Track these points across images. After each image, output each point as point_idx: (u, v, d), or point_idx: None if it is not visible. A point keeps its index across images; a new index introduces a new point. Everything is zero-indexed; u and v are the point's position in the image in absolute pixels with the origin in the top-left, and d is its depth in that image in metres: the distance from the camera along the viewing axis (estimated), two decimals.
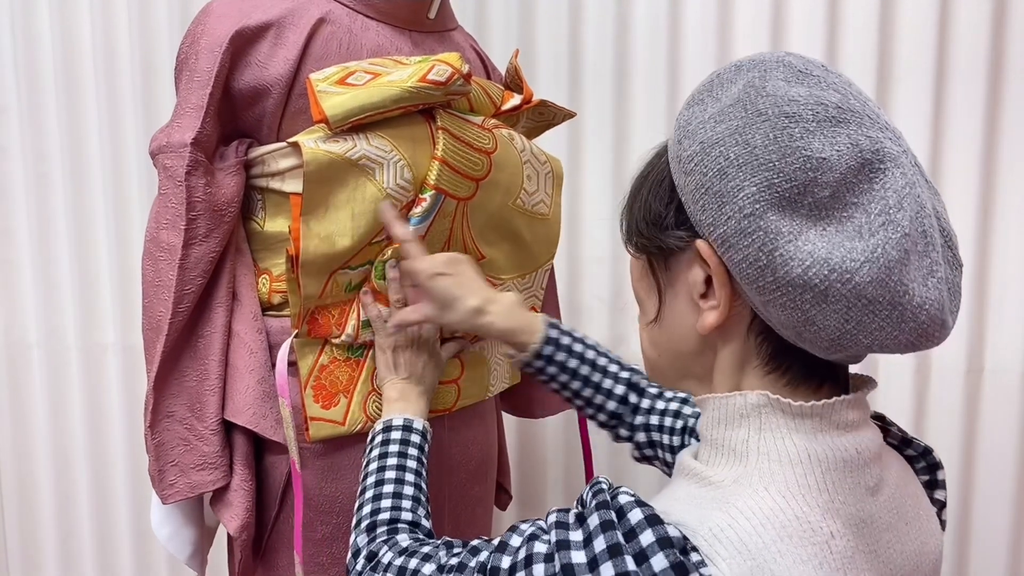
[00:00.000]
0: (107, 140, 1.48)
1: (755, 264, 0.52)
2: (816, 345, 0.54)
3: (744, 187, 0.51)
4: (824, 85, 0.54)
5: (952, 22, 1.35)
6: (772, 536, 0.50)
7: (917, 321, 0.51)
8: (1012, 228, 1.38)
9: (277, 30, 0.88)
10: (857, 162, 0.51)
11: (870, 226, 0.50)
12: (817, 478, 0.54)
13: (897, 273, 0.50)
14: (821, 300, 0.51)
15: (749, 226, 0.51)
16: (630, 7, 1.40)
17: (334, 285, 0.88)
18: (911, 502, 0.60)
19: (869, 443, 0.57)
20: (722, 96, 0.56)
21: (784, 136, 0.51)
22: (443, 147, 0.87)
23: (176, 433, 0.88)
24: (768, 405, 0.55)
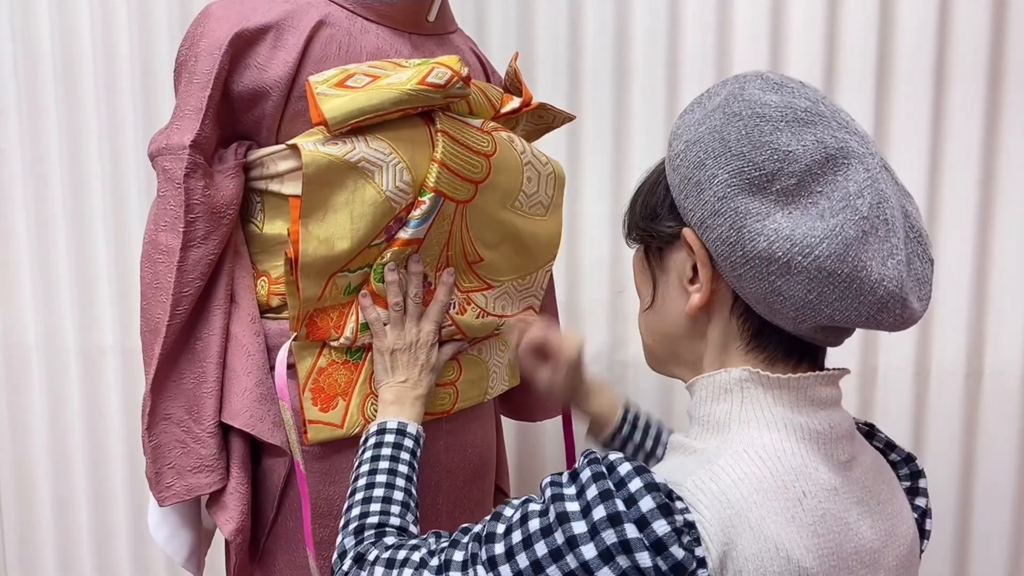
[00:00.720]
0: (106, 142, 1.48)
1: (727, 241, 0.59)
2: (784, 316, 0.60)
3: (718, 174, 0.59)
4: (797, 95, 0.61)
5: (952, 23, 1.35)
6: (749, 490, 0.56)
7: (875, 295, 0.57)
8: (1012, 230, 1.38)
9: (276, 32, 0.88)
10: (822, 156, 0.58)
11: (831, 209, 0.57)
12: (792, 444, 0.60)
13: (855, 250, 0.56)
14: (785, 272, 0.57)
15: (722, 207, 0.59)
16: (629, 10, 1.41)
17: (333, 288, 0.88)
18: (884, 489, 0.65)
19: (841, 421, 0.63)
20: (707, 104, 0.64)
21: (755, 132, 0.59)
22: (442, 150, 0.87)
23: (173, 435, 0.88)
24: (750, 379, 0.62)
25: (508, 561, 0.58)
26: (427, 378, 0.90)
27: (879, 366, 1.43)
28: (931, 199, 1.38)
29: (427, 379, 0.90)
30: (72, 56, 1.47)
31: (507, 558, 0.58)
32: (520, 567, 0.57)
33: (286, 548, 0.92)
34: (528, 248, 1.00)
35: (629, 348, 1.46)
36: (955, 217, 1.39)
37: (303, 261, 0.84)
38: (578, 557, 0.55)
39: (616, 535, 0.54)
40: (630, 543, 0.54)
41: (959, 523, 1.44)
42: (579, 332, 0.98)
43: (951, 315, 1.40)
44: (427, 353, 0.90)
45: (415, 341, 0.90)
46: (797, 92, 0.61)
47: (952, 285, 1.40)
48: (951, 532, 1.44)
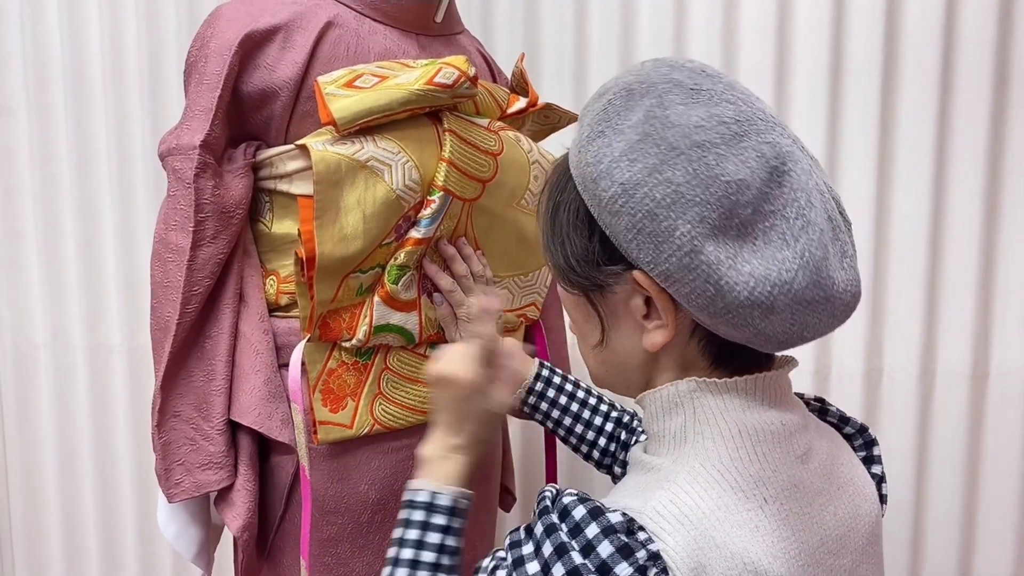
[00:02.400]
0: (114, 142, 1.49)
1: (703, 295, 0.55)
2: (765, 348, 0.58)
3: (678, 226, 0.54)
4: (717, 99, 0.56)
5: (958, 25, 1.35)
6: (710, 506, 0.55)
7: (843, 302, 0.56)
8: (1017, 232, 1.38)
9: (285, 34, 0.89)
10: (766, 173, 0.54)
11: (792, 231, 0.54)
12: (748, 451, 0.58)
13: (824, 269, 0.55)
14: (768, 313, 0.54)
15: (691, 262, 0.54)
16: (634, 11, 1.41)
17: (346, 289, 0.88)
18: (843, 470, 0.65)
19: (793, 415, 0.61)
20: (623, 126, 0.56)
21: (702, 167, 0.53)
22: (450, 149, 0.88)
23: (183, 432, 0.89)
24: (698, 388, 0.59)
25: None
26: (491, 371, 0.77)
27: (884, 368, 1.44)
28: (937, 201, 1.38)
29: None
30: (81, 56, 1.48)
31: None
32: None
33: (293, 545, 0.93)
34: (531, 243, 1.01)
35: None
36: (961, 219, 1.39)
37: (320, 263, 0.84)
38: None
39: None
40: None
41: (964, 524, 1.44)
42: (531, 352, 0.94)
43: (957, 317, 1.41)
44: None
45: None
46: (715, 94, 0.56)
47: (958, 287, 1.40)
48: (957, 532, 1.44)
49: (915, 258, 1.40)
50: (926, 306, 1.40)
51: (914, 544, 1.45)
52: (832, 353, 1.44)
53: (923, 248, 1.39)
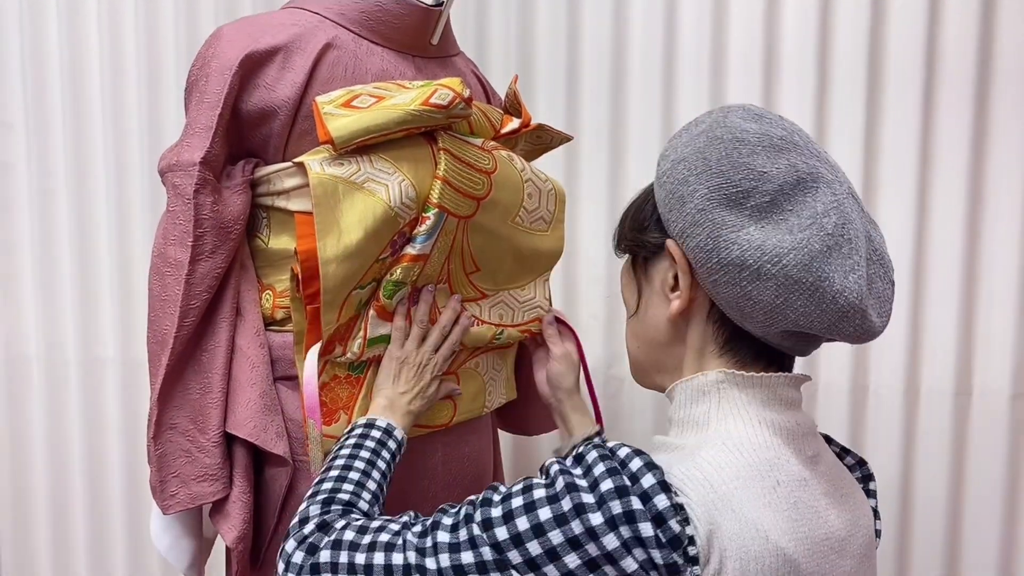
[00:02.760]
0: (112, 157, 1.50)
1: (704, 248, 0.65)
2: (754, 320, 0.65)
3: (699, 189, 0.65)
4: (774, 125, 0.67)
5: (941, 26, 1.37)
6: (729, 476, 0.61)
7: (836, 304, 0.63)
8: (999, 250, 1.40)
9: (285, 54, 0.91)
10: (793, 178, 0.64)
11: (799, 225, 0.63)
12: (766, 438, 0.65)
13: (819, 262, 0.62)
14: (755, 278, 0.63)
15: (701, 218, 0.65)
16: (626, 34, 1.44)
17: (348, 307, 0.89)
18: (846, 484, 0.71)
19: (805, 420, 0.69)
20: (693, 130, 0.70)
21: (734, 154, 0.65)
22: (445, 167, 0.90)
23: (178, 445, 0.90)
24: (725, 380, 0.67)
25: (506, 523, 0.61)
26: (420, 402, 0.92)
27: (870, 385, 1.45)
28: (919, 215, 1.40)
29: (420, 402, 0.92)
30: (79, 72, 1.50)
31: (505, 520, 0.62)
32: (519, 529, 0.60)
33: None
34: (528, 260, 1.03)
35: (624, 364, 1.46)
36: (944, 238, 1.41)
37: (325, 285, 0.85)
38: (584, 523, 0.58)
39: (622, 506, 0.58)
40: (634, 513, 0.58)
41: (948, 541, 1.45)
42: None
43: (940, 335, 1.42)
44: (429, 380, 0.93)
45: (424, 363, 0.93)
46: (775, 123, 0.67)
47: (941, 305, 1.42)
48: (941, 549, 1.45)
49: (899, 277, 1.40)
50: (910, 324, 1.42)
51: (899, 560, 1.47)
52: (818, 371, 1.46)
53: (907, 267, 1.41)
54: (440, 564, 0.63)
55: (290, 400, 0.93)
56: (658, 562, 0.58)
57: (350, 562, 0.66)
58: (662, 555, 0.58)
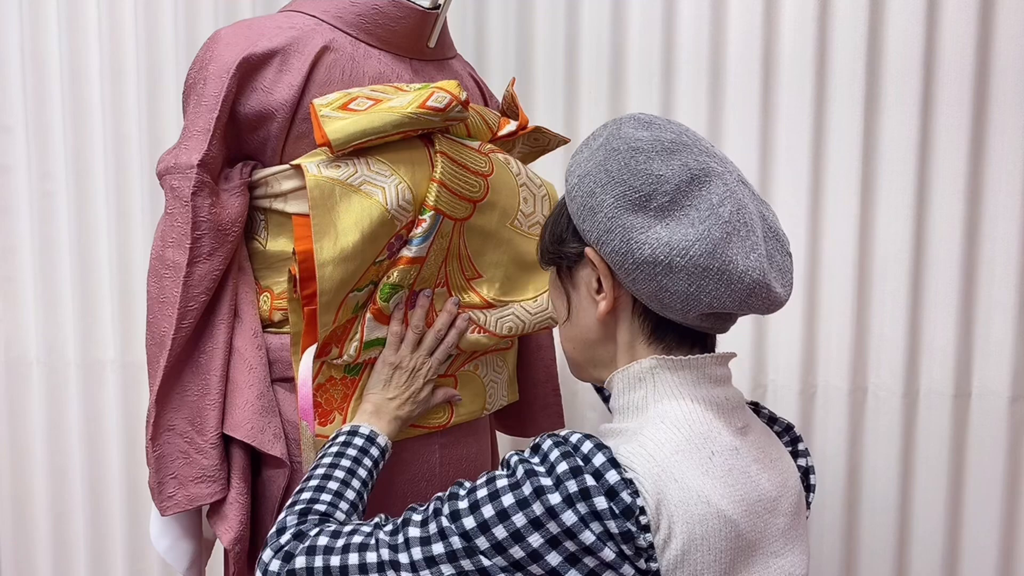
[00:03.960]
0: (111, 160, 1.51)
1: (619, 252, 0.70)
2: (673, 309, 0.71)
3: (606, 200, 0.71)
4: (664, 130, 0.73)
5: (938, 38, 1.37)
6: (670, 451, 0.68)
7: (743, 283, 0.69)
8: (998, 252, 1.40)
9: (282, 57, 0.91)
10: (688, 176, 0.70)
11: (700, 217, 0.69)
12: (699, 415, 0.72)
13: (722, 248, 0.68)
14: (668, 272, 0.69)
15: (612, 225, 0.71)
16: (624, 37, 1.44)
17: (344, 309, 0.90)
18: (773, 451, 0.78)
19: (734, 395, 0.76)
20: (592, 144, 0.76)
21: (632, 162, 0.71)
22: (441, 170, 0.90)
23: (176, 446, 0.90)
24: (658, 365, 0.73)
25: (472, 513, 0.66)
26: (411, 406, 0.93)
27: (868, 387, 1.45)
28: (919, 222, 1.41)
29: (411, 407, 0.93)
30: (79, 75, 1.50)
31: (471, 510, 0.66)
32: (485, 516, 0.65)
33: None
34: (530, 266, 1.03)
35: None
36: (943, 239, 1.41)
37: (322, 286, 0.85)
38: (544, 504, 0.64)
39: (577, 484, 0.63)
40: (589, 490, 0.63)
41: (948, 542, 1.45)
42: None
43: (939, 337, 1.42)
44: (422, 385, 0.94)
45: (417, 368, 0.94)
46: (665, 128, 0.73)
47: (940, 307, 1.42)
48: (940, 550, 1.45)
49: (898, 278, 1.42)
50: (909, 326, 1.42)
51: (898, 562, 1.46)
52: (817, 372, 1.46)
53: (906, 268, 1.41)
54: (413, 557, 0.67)
55: (288, 402, 0.94)
56: (613, 531, 0.63)
57: (325, 566, 0.69)
58: (617, 525, 0.63)
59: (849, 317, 1.43)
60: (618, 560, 0.63)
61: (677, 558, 0.65)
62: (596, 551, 0.63)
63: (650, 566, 0.65)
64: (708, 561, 0.66)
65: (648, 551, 0.64)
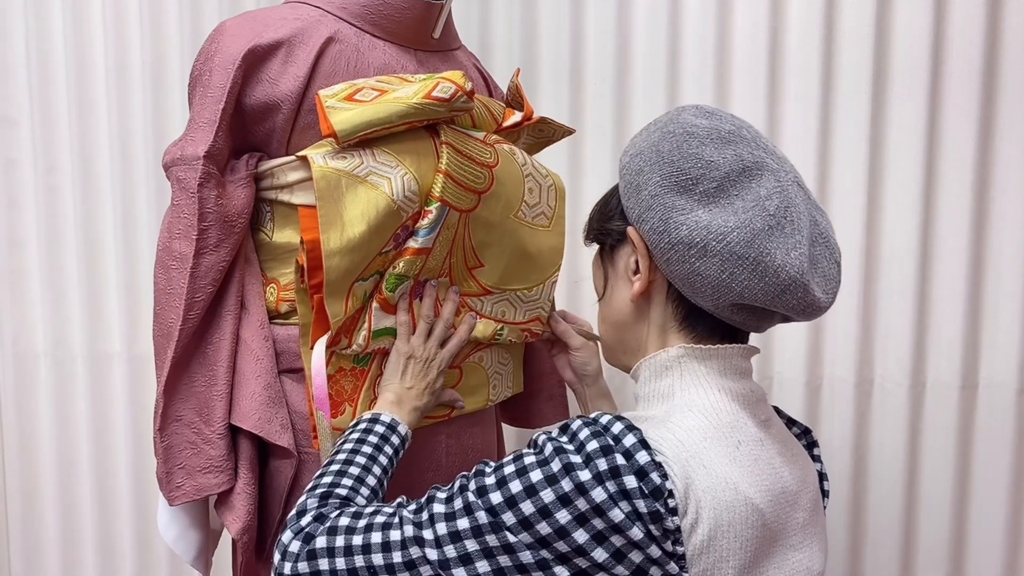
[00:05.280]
0: (117, 153, 1.51)
1: (657, 230, 0.71)
2: (704, 295, 0.71)
3: (652, 177, 0.72)
4: (724, 121, 0.73)
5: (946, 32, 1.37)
6: (698, 437, 0.68)
7: (777, 278, 0.69)
8: (1005, 243, 1.40)
9: (288, 48, 0.91)
10: (739, 167, 0.70)
11: (744, 207, 0.69)
12: (726, 404, 0.72)
13: (761, 239, 0.68)
14: (702, 254, 0.69)
15: (654, 203, 0.71)
16: (630, 27, 1.44)
17: (353, 299, 0.90)
18: (794, 447, 0.79)
19: (757, 388, 0.77)
20: (651, 128, 0.77)
21: (684, 145, 0.71)
22: (447, 161, 0.90)
23: (184, 436, 0.90)
24: (686, 354, 0.74)
25: (500, 488, 0.65)
26: (428, 397, 0.93)
27: (875, 378, 1.45)
28: (926, 210, 1.40)
29: (428, 398, 0.93)
30: (84, 68, 1.50)
31: (498, 486, 0.65)
32: (512, 491, 0.65)
33: None
34: (532, 257, 1.03)
35: None
36: (950, 231, 1.41)
37: (328, 276, 0.85)
38: (573, 480, 0.63)
39: (607, 463, 0.63)
40: (619, 468, 0.63)
41: (954, 533, 1.45)
42: None
43: (946, 328, 1.42)
44: (436, 376, 0.94)
45: (430, 359, 0.94)
46: (725, 119, 0.73)
47: (947, 297, 1.42)
48: (947, 541, 1.45)
49: (905, 270, 1.42)
50: (916, 318, 1.42)
51: (905, 553, 1.47)
52: (823, 364, 1.46)
53: (913, 260, 1.41)
54: (437, 532, 0.66)
55: (295, 392, 0.94)
56: (642, 511, 0.63)
57: (347, 545, 0.69)
58: (646, 504, 0.63)
59: (855, 309, 1.43)
60: (645, 540, 0.63)
61: (703, 543, 0.65)
62: (624, 529, 0.63)
63: (676, 549, 0.64)
64: (734, 548, 0.66)
65: (675, 534, 0.64)
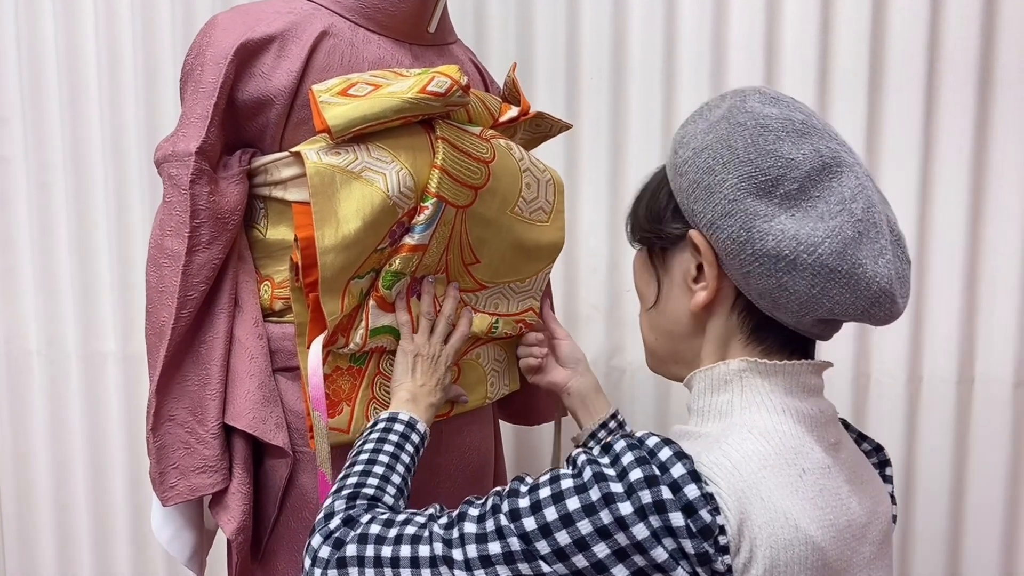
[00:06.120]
0: (109, 150, 1.50)
1: (737, 240, 0.63)
2: (788, 310, 0.65)
3: (728, 179, 0.64)
4: (792, 109, 0.67)
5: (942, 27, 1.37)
6: (757, 465, 0.61)
7: (870, 291, 0.63)
8: (1001, 238, 1.40)
9: (281, 42, 0.90)
10: (819, 164, 0.64)
11: (830, 212, 0.62)
12: (790, 427, 0.64)
13: (852, 249, 0.62)
14: (791, 268, 0.62)
15: (732, 209, 0.63)
16: (626, 22, 1.43)
17: (350, 296, 0.89)
18: (865, 471, 0.71)
19: (828, 407, 0.69)
20: (710, 116, 0.68)
21: (760, 141, 0.64)
22: (443, 156, 0.89)
23: (177, 436, 0.89)
24: (748, 369, 0.66)
25: (534, 514, 0.60)
26: (440, 393, 0.92)
27: (872, 373, 1.45)
28: (922, 205, 1.40)
29: (440, 394, 0.92)
30: (76, 64, 1.49)
31: (532, 511, 0.61)
32: (548, 519, 0.60)
33: (287, 548, 0.94)
34: (529, 252, 1.02)
35: (625, 354, 1.48)
36: (946, 223, 1.40)
37: (323, 273, 0.85)
38: (613, 513, 0.58)
39: (651, 495, 0.57)
40: (664, 503, 0.57)
41: (951, 528, 1.45)
42: None
43: (943, 322, 1.42)
44: (444, 372, 0.93)
45: (436, 355, 0.93)
46: (792, 106, 0.67)
47: (944, 292, 1.41)
48: (944, 535, 1.45)
49: None
50: (913, 312, 1.42)
51: (902, 547, 1.47)
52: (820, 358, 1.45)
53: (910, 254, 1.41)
54: (468, 555, 0.62)
55: (289, 391, 0.93)
56: (688, 552, 0.57)
57: (376, 555, 0.66)
58: (693, 545, 0.57)
59: None
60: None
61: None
62: (668, 570, 0.57)
63: None
64: None
65: (725, 575, 0.58)
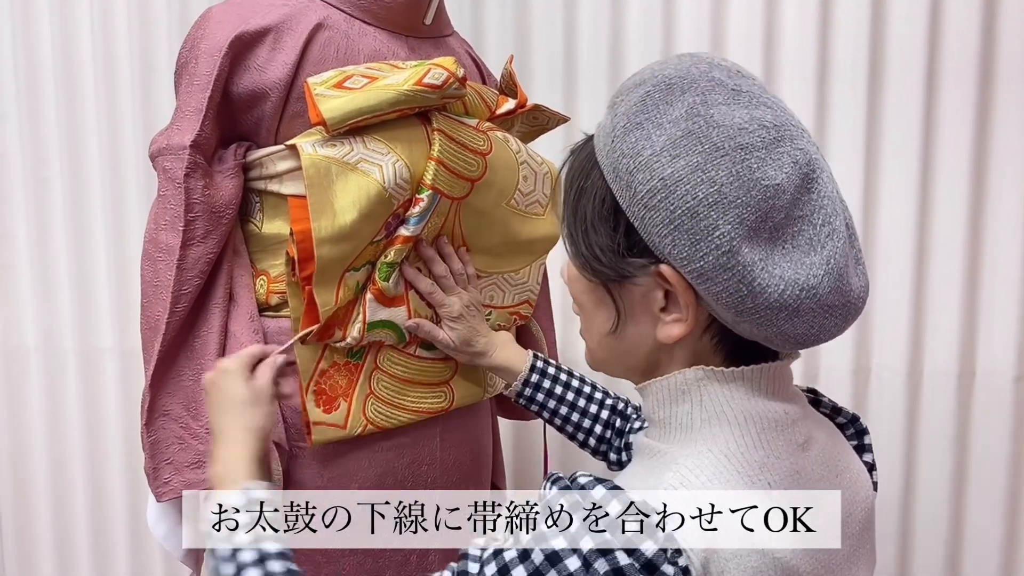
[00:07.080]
0: (106, 145, 1.49)
1: (736, 294, 0.56)
2: (781, 347, 0.60)
3: (718, 225, 0.54)
4: (756, 101, 0.58)
5: (942, 25, 1.36)
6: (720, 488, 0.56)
7: (855, 308, 0.59)
8: (1002, 231, 1.39)
9: (276, 35, 0.89)
10: (799, 179, 0.56)
11: (818, 237, 0.56)
12: (753, 438, 0.59)
13: (845, 276, 0.57)
14: (793, 315, 0.56)
15: (728, 262, 0.55)
16: (624, 13, 1.42)
17: (345, 289, 0.88)
18: (840, 458, 0.67)
19: (794, 405, 0.63)
20: (663, 120, 0.57)
21: (744, 169, 0.55)
22: (439, 148, 0.88)
23: (171, 431, 0.89)
24: (705, 377, 0.60)
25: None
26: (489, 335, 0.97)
27: (872, 367, 1.45)
28: (923, 200, 1.40)
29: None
30: (72, 59, 1.48)
31: None
32: None
33: None
34: (524, 244, 1.01)
35: None
36: (947, 219, 1.40)
37: (319, 265, 0.84)
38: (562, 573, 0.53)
39: (608, 564, 0.52)
40: (623, 570, 0.52)
41: (952, 521, 1.45)
42: None
43: (943, 316, 1.42)
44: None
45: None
46: (754, 96, 0.58)
47: (944, 286, 1.41)
48: (945, 529, 1.45)
49: (902, 259, 1.41)
50: (913, 306, 1.41)
51: (903, 541, 1.46)
52: (820, 354, 1.45)
53: (910, 249, 1.40)
54: None
55: (285, 386, 0.92)
56: None
57: None
58: None
59: None
60: None
61: None
62: None
63: None
64: None
65: None
